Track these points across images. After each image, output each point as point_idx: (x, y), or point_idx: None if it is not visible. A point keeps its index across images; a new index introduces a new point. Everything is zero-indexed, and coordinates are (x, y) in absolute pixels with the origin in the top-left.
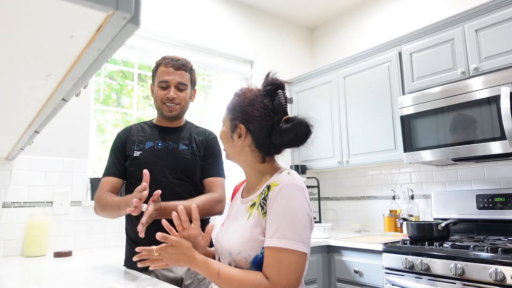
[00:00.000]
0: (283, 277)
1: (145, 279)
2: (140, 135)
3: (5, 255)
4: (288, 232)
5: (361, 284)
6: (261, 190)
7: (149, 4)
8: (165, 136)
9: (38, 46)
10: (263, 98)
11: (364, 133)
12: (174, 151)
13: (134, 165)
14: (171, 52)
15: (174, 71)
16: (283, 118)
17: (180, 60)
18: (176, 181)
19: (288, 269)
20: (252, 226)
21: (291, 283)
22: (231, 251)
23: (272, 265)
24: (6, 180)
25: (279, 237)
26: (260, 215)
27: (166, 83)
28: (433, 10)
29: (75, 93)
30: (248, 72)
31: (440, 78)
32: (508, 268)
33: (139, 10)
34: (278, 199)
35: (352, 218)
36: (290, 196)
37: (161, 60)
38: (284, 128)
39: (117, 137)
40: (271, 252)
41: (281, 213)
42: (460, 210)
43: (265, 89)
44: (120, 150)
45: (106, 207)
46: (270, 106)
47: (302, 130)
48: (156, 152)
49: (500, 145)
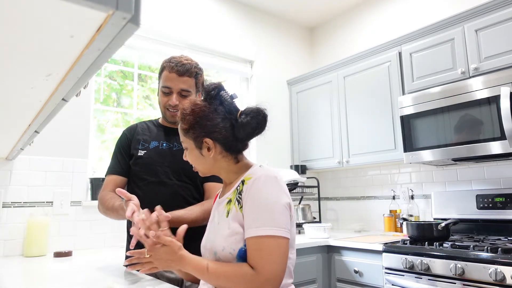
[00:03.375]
0: (266, 263)
1: (145, 279)
2: (145, 134)
3: (5, 255)
4: (265, 219)
5: (361, 284)
6: (235, 186)
7: (149, 4)
8: (171, 137)
9: (38, 46)
10: (211, 105)
11: (364, 133)
12: (179, 152)
13: (138, 165)
14: (171, 53)
15: (178, 77)
16: (237, 114)
17: (185, 65)
18: (179, 183)
19: (270, 255)
20: (231, 221)
21: (276, 268)
22: (215, 250)
23: (255, 254)
24: (6, 180)
25: (257, 226)
26: (237, 210)
27: (169, 89)
28: (433, 10)
29: (75, 93)
30: (248, 72)
31: (440, 78)
32: (508, 268)
33: (139, 10)
34: (252, 191)
35: (352, 218)
36: (263, 186)
37: (166, 63)
38: (245, 122)
39: (123, 135)
40: (252, 241)
41: (256, 203)
42: (460, 210)
43: (209, 96)
44: (125, 148)
45: (107, 211)
46: (222, 108)
47: (261, 117)
48: (161, 152)
49: (500, 145)
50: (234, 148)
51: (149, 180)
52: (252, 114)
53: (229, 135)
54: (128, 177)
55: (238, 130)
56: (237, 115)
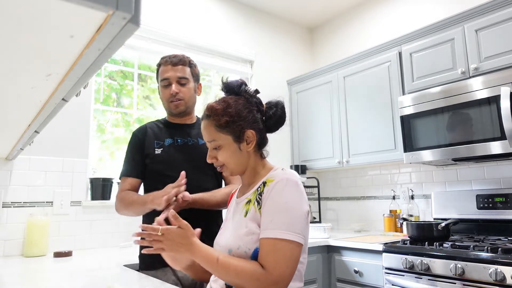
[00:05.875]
0: (278, 266)
1: (145, 279)
2: (157, 133)
3: (5, 255)
4: (283, 223)
5: (361, 284)
6: (256, 187)
7: (149, 4)
8: (183, 133)
9: (38, 46)
10: (242, 99)
11: (364, 133)
12: (195, 145)
13: (157, 162)
14: (171, 52)
15: (173, 67)
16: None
17: (177, 56)
18: (199, 175)
19: (282, 258)
20: (249, 221)
21: (286, 271)
22: (230, 248)
23: (267, 255)
24: (6, 180)
25: (273, 227)
26: (256, 210)
27: (167, 80)
28: (433, 10)
29: (75, 93)
30: (248, 72)
31: (440, 78)
32: (508, 268)
33: (139, 10)
34: (273, 193)
35: (352, 218)
36: (284, 190)
37: (160, 60)
38: (272, 113)
39: (134, 137)
40: (266, 242)
41: (275, 205)
42: (460, 210)
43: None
44: (139, 149)
45: (131, 205)
46: (253, 100)
47: (283, 108)
48: (178, 148)
49: (500, 145)
50: (264, 141)
51: (172, 176)
52: (277, 106)
53: (262, 127)
54: (144, 176)
55: (269, 121)
56: (263, 107)
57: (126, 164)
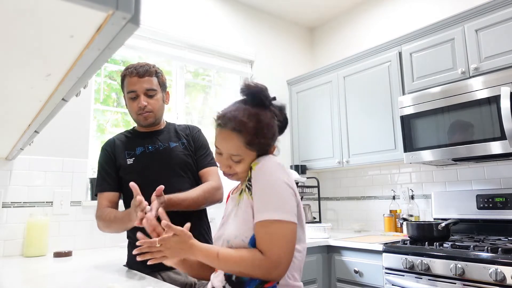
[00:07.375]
0: (275, 247)
1: (145, 279)
2: (126, 144)
3: (5, 255)
4: (273, 204)
5: (361, 284)
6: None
7: (149, 4)
8: (153, 139)
9: (38, 46)
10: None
11: (364, 133)
12: (167, 150)
13: (131, 173)
14: (171, 53)
15: (139, 79)
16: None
17: (143, 67)
18: (176, 178)
19: (278, 239)
20: (244, 209)
21: (284, 251)
22: (228, 239)
23: (263, 239)
24: (6, 180)
25: (265, 210)
26: (249, 197)
27: (135, 92)
28: (433, 10)
29: (75, 93)
30: (248, 72)
31: (440, 78)
32: (508, 268)
33: (139, 10)
34: (259, 176)
35: (352, 218)
36: (269, 171)
37: (125, 71)
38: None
39: (103, 151)
40: (260, 226)
41: (264, 188)
42: (460, 210)
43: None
44: (109, 162)
45: (111, 224)
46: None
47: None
48: (150, 155)
49: (500, 145)
50: None
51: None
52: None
53: None
54: (120, 189)
55: (281, 129)
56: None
57: (100, 179)
